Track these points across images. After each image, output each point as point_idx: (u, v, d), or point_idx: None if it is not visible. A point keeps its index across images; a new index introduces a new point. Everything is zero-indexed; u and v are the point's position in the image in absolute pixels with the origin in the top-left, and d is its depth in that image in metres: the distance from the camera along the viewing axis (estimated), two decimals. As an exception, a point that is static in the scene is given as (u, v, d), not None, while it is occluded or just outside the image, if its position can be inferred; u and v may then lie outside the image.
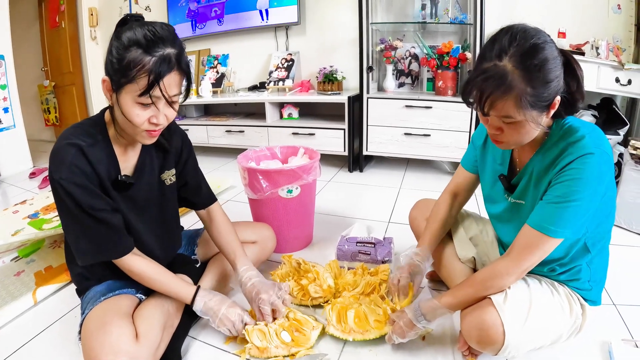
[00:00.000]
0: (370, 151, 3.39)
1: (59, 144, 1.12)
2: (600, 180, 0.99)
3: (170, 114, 1.15)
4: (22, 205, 2.86)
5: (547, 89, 0.94)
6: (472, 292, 1.16)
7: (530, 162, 1.15)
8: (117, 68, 1.05)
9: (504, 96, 0.94)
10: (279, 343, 1.33)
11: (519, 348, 1.11)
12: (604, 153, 0.99)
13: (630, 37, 2.93)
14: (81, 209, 1.12)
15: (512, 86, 0.93)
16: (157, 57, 1.04)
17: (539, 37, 0.95)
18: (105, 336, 1.10)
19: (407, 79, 3.57)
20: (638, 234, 2.13)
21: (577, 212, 1.00)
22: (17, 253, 2.08)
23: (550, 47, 0.95)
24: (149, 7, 4.71)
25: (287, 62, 3.96)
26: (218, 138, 3.98)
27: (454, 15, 3.12)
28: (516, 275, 1.10)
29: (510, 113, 0.96)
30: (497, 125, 1.02)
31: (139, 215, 1.33)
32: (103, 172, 1.18)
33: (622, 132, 2.69)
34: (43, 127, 5.62)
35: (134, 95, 1.06)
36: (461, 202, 1.50)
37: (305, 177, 1.91)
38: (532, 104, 0.94)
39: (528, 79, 0.92)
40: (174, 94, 1.10)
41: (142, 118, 1.09)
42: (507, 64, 0.94)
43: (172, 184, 1.43)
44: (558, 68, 0.96)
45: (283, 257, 1.77)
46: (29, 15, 5.35)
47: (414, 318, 1.22)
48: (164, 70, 1.05)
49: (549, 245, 1.05)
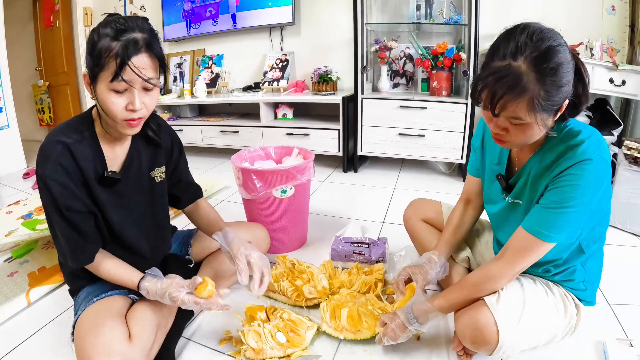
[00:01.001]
0: (364, 151, 3.39)
1: (46, 141, 1.14)
2: (597, 187, 0.99)
3: (148, 101, 1.14)
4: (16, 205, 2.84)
5: (559, 92, 0.92)
6: (465, 294, 1.17)
7: (528, 162, 1.14)
8: (91, 59, 1.07)
9: (517, 98, 0.91)
10: (274, 344, 1.32)
11: (514, 348, 1.11)
12: (603, 160, 0.98)
13: (625, 38, 2.95)
14: (56, 207, 1.13)
15: (527, 88, 0.90)
16: (124, 41, 1.05)
17: (555, 39, 0.92)
18: (97, 337, 1.10)
19: (402, 80, 3.57)
20: (632, 233, 2.15)
21: (572, 218, 1.00)
22: (10, 254, 2.07)
23: (564, 51, 0.92)
24: (144, 6, 4.70)
25: (282, 62, 3.95)
26: (212, 138, 3.97)
27: (448, 16, 3.13)
28: (509, 277, 1.11)
29: (521, 115, 0.94)
30: (504, 125, 1.00)
31: (128, 213, 1.32)
32: (89, 168, 1.18)
33: (616, 132, 2.71)
34: (37, 127, 5.60)
35: (107, 83, 1.06)
36: (476, 206, 1.46)
37: (299, 177, 1.91)
38: (544, 107, 0.92)
39: (542, 82, 0.90)
40: (147, 77, 1.09)
41: (118, 106, 1.09)
42: (522, 64, 0.90)
43: (162, 181, 1.43)
44: (570, 72, 0.94)
45: (277, 257, 1.76)
46: (24, 15, 5.32)
47: (406, 321, 1.21)
48: (131, 52, 1.05)
49: (542, 249, 1.05)
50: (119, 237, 1.31)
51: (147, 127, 1.34)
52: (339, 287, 1.61)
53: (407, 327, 1.21)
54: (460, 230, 1.46)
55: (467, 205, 1.47)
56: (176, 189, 1.52)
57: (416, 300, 1.25)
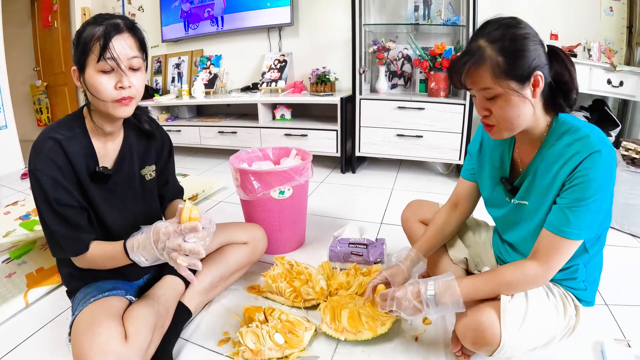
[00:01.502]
0: (362, 152, 3.39)
1: (38, 138, 1.17)
2: (611, 176, 1.02)
3: (135, 81, 1.19)
4: (14, 206, 2.84)
5: (520, 58, 0.99)
6: (495, 289, 1.12)
7: (533, 162, 1.15)
8: (77, 50, 1.14)
9: (478, 67, 1.02)
10: (272, 345, 1.32)
11: (514, 349, 1.10)
12: (610, 148, 1.01)
13: (622, 39, 2.96)
14: (47, 201, 1.15)
15: (485, 57, 1.01)
16: (105, 24, 1.12)
17: (519, 24, 1.03)
18: (94, 337, 1.10)
19: (400, 81, 3.57)
20: (630, 234, 2.15)
21: (594, 212, 1.03)
22: (8, 255, 2.06)
23: (525, 29, 1.02)
24: (142, 7, 4.69)
25: (280, 63, 3.96)
26: (210, 139, 3.97)
27: (446, 16, 3.13)
28: (546, 280, 1.09)
29: (488, 84, 1.02)
30: (483, 105, 1.08)
31: (121, 209, 1.34)
32: (80, 164, 1.21)
33: (613, 133, 2.72)
34: (35, 127, 5.58)
35: (94, 65, 1.12)
36: (463, 211, 1.47)
37: (297, 178, 1.91)
38: (507, 73, 1.00)
39: (499, 49, 0.99)
40: (131, 55, 1.15)
41: (107, 86, 1.14)
42: (481, 41, 1.02)
43: (151, 179, 1.45)
44: (535, 44, 1.01)
45: (275, 258, 1.76)
46: (22, 15, 5.32)
47: (424, 290, 1.16)
48: (113, 32, 1.12)
49: (572, 248, 1.06)
50: (112, 235, 1.31)
51: (142, 120, 1.38)
52: (336, 288, 1.61)
53: (422, 294, 1.15)
54: (443, 232, 1.46)
55: (454, 209, 1.48)
56: (162, 189, 1.54)
57: (444, 278, 1.18)
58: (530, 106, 1.05)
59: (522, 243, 1.24)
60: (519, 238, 1.25)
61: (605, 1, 2.97)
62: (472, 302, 1.16)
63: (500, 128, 1.09)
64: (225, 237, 1.65)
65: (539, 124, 1.11)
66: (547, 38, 2.83)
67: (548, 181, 1.10)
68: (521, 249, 1.26)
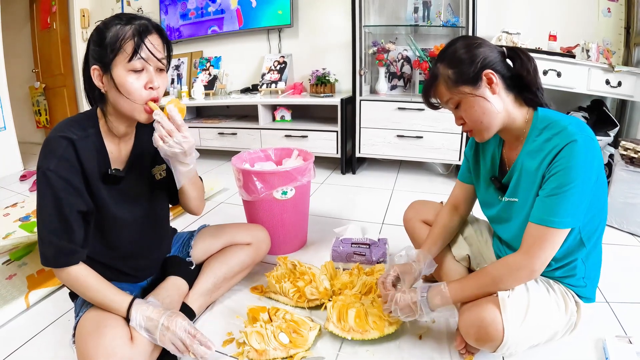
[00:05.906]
0: (362, 153, 3.39)
1: (51, 135, 1.14)
2: (590, 164, 1.03)
3: (162, 82, 1.20)
4: (13, 208, 2.83)
5: (464, 64, 1.11)
6: (482, 285, 1.17)
7: (518, 159, 1.18)
8: (102, 49, 1.11)
9: (436, 85, 1.18)
10: (277, 345, 1.32)
11: (517, 345, 1.12)
12: (588, 137, 1.03)
13: (620, 40, 2.97)
14: (54, 202, 1.12)
15: (438, 74, 1.16)
16: (136, 24, 1.12)
17: (466, 38, 1.18)
18: (99, 339, 1.10)
19: (400, 82, 3.58)
20: (629, 233, 2.16)
21: (575, 198, 1.03)
22: (8, 256, 2.06)
23: (475, 40, 1.15)
24: (141, 8, 4.68)
25: (280, 64, 3.96)
26: (210, 140, 3.96)
27: (446, 18, 3.14)
28: (528, 269, 1.10)
29: (446, 96, 1.17)
30: (456, 115, 1.20)
31: (130, 211, 1.33)
32: (92, 165, 1.19)
33: (612, 133, 2.73)
34: (34, 129, 5.57)
35: (124, 64, 1.11)
36: (462, 213, 1.50)
37: (300, 178, 1.91)
38: (456, 80, 1.13)
39: (447, 63, 1.14)
40: (160, 56, 1.17)
41: (138, 85, 1.14)
42: (436, 64, 1.18)
43: (162, 179, 1.44)
44: (483, 48, 1.12)
45: (278, 258, 1.76)
46: (20, 16, 5.30)
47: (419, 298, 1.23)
48: (145, 32, 1.13)
49: (557, 238, 1.07)
50: (120, 237, 1.31)
51: None
52: (340, 288, 1.62)
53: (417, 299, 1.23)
54: (447, 232, 1.48)
55: (454, 211, 1.50)
56: (173, 187, 1.51)
57: (433, 285, 1.25)
58: (496, 103, 1.13)
59: (515, 240, 1.25)
60: (512, 236, 1.26)
61: (603, 2, 2.99)
62: (483, 295, 1.17)
63: (476, 130, 1.18)
64: (229, 237, 1.66)
65: (516, 120, 1.16)
66: (546, 39, 2.85)
67: (532, 176, 1.13)
68: (515, 246, 1.26)
